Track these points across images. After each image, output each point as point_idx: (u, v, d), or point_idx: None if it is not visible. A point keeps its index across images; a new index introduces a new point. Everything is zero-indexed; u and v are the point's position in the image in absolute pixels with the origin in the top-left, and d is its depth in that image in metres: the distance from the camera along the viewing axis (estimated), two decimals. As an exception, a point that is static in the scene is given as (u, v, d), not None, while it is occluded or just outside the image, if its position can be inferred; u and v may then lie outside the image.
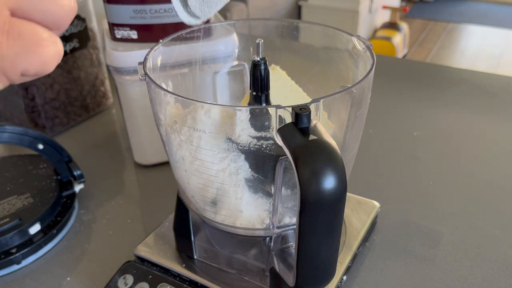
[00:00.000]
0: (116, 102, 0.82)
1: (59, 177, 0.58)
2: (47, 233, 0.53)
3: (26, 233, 0.51)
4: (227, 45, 0.58)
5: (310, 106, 0.31)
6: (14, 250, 0.50)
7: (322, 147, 0.30)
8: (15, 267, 0.51)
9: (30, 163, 0.61)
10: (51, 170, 0.60)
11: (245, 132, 0.35)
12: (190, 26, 0.58)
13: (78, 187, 0.59)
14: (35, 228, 0.52)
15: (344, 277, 0.47)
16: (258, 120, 0.35)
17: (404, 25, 2.85)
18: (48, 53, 0.23)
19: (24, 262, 0.51)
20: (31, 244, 0.51)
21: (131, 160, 0.68)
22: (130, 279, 0.45)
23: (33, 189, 0.56)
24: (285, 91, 0.46)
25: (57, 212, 0.55)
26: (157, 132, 0.42)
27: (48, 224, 0.54)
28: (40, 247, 0.52)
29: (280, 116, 0.32)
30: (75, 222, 0.57)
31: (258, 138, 0.35)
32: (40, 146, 0.56)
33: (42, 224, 0.53)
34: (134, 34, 0.60)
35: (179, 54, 0.58)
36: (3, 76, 0.23)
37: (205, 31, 0.60)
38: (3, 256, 0.49)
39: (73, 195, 0.58)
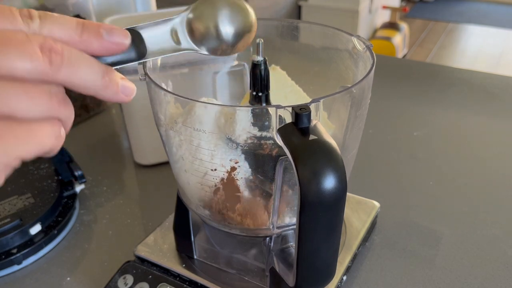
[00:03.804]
0: (116, 102, 0.82)
1: (59, 177, 0.58)
2: (47, 234, 0.53)
3: (27, 233, 0.51)
4: (227, 45, 0.58)
5: (310, 106, 0.31)
6: (15, 251, 0.50)
7: (322, 147, 0.30)
8: (15, 267, 0.51)
9: (31, 163, 0.61)
10: (52, 170, 0.60)
11: (245, 132, 0.35)
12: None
13: (79, 188, 0.59)
14: (35, 229, 0.52)
15: (344, 277, 0.47)
16: (258, 120, 0.35)
17: (404, 25, 2.85)
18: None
19: (25, 263, 0.51)
20: (32, 245, 0.51)
21: (131, 160, 0.68)
22: (130, 279, 0.45)
23: (34, 189, 0.56)
24: (285, 91, 0.46)
25: (58, 213, 0.55)
26: (157, 132, 0.42)
27: (49, 225, 0.54)
28: (40, 247, 0.52)
29: (280, 116, 0.32)
30: (75, 222, 0.57)
31: (258, 138, 0.35)
32: None
33: (43, 225, 0.53)
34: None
35: (179, 54, 0.58)
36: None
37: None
38: (3, 257, 0.49)
39: (74, 195, 0.58)
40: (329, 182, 0.30)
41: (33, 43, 0.22)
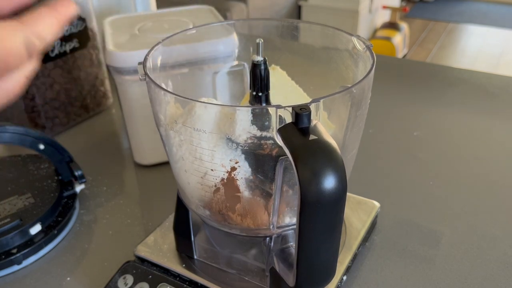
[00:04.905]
0: (116, 102, 0.82)
1: (60, 177, 0.58)
2: (48, 234, 0.53)
3: (27, 233, 0.51)
4: (227, 45, 0.58)
5: (310, 106, 0.31)
6: (15, 251, 0.50)
7: (322, 147, 0.30)
8: (15, 267, 0.51)
9: (31, 163, 0.61)
10: (52, 170, 0.60)
11: (245, 132, 0.35)
12: (190, 27, 0.58)
13: (79, 188, 0.59)
14: (36, 229, 0.52)
15: (344, 277, 0.47)
16: (258, 120, 0.35)
17: (404, 25, 2.85)
18: None
19: (25, 263, 0.51)
20: (32, 245, 0.51)
21: (131, 160, 0.68)
22: (130, 279, 0.45)
23: (34, 189, 0.56)
24: (285, 91, 0.46)
25: (58, 213, 0.55)
26: (157, 132, 0.42)
27: (49, 225, 0.54)
28: (40, 247, 0.52)
29: (280, 116, 0.32)
30: (75, 222, 0.57)
31: (258, 138, 0.35)
32: (41, 147, 0.56)
33: (43, 225, 0.53)
34: None
35: (179, 54, 0.58)
36: None
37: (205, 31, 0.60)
38: (3, 257, 0.49)
39: (74, 195, 0.58)
40: (329, 182, 0.30)
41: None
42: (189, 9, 0.70)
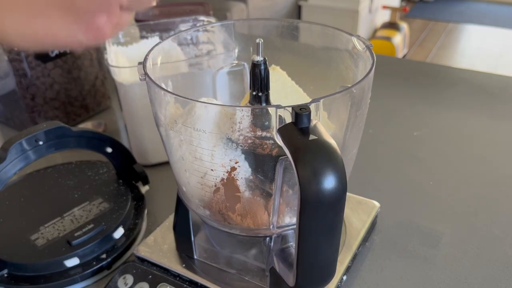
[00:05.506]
0: (116, 102, 0.82)
1: (122, 181, 0.57)
2: (129, 237, 0.51)
3: (112, 238, 0.50)
4: (227, 45, 0.58)
5: (310, 106, 0.31)
6: (104, 256, 0.49)
7: (322, 147, 0.30)
8: (105, 272, 0.50)
9: (87, 169, 0.59)
10: (113, 174, 0.58)
11: (245, 132, 0.35)
12: (189, 27, 0.58)
13: (144, 189, 0.58)
14: (119, 232, 0.51)
15: (344, 277, 0.47)
16: (258, 120, 0.35)
17: (404, 25, 2.85)
18: None
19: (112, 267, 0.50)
20: (117, 249, 0.50)
21: (131, 160, 0.68)
22: (130, 279, 0.45)
23: (103, 194, 0.55)
24: (285, 91, 0.46)
25: (133, 215, 0.54)
26: (157, 132, 0.42)
27: (129, 228, 0.53)
28: (125, 251, 0.51)
29: (280, 116, 0.32)
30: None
31: (258, 138, 0.35)
32: (109, 150, 0.55)
33: (124, 228, 0.52)
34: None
35: (179, 54, 0.58)
36: None
37: (205, 31, 0.60)
38: (94, 263, 0.48)
39: (142, 197, 0.57)
40: (329, 182, 0.30)
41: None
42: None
